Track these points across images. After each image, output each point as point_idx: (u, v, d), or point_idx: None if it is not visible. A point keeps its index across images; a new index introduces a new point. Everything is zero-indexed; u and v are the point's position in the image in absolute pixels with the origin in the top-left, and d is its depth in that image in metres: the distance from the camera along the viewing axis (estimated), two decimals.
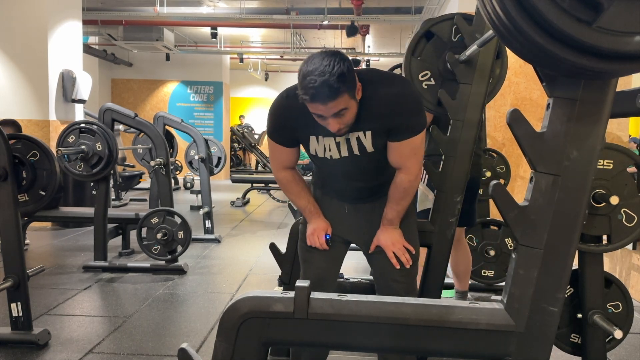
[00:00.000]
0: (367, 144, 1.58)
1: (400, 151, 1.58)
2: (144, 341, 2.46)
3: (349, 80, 1.41)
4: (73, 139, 3.59)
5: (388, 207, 1.67)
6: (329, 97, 1.38)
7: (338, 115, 1.44)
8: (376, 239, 1.69)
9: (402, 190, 1.63)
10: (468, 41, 1.93)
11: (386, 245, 1.66)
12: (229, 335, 1.14)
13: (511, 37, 0.90)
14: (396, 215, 1.67)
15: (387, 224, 1.67)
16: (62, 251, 4.35)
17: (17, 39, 5.29)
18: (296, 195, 1.73)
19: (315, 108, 1.43)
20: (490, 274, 2.89)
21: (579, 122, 1.02)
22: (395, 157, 1.60)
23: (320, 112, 1.44)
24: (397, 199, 1.65)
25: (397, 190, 1.64)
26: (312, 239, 1.71)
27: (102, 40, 9.51)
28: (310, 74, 1.39)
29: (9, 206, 2.30)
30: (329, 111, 1.42)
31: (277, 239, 4.07)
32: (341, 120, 1.46)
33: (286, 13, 7.66)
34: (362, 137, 1.57)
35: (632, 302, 1.69)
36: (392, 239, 1.66)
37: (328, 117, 1.44)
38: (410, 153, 1.58)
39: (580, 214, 1.05)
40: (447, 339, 1.13)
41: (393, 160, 1.61)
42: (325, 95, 1.38)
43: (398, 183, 1.64)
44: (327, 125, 1.47)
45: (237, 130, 12.17)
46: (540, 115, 4.32)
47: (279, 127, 1.62)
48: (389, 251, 1.65)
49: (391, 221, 1.67)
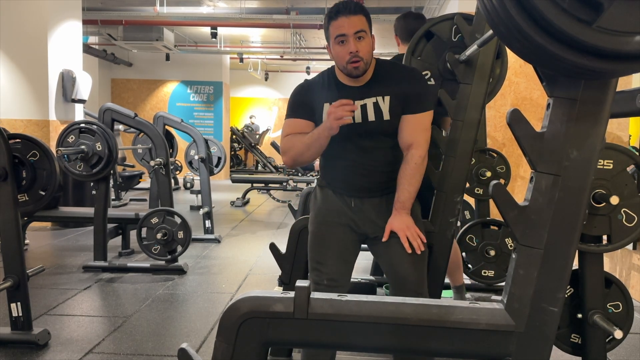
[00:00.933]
0: (385, 110, 1.68)
1: (414, 124, 1.69)
2: (144, 341, 2.46)
3: (367, 12, 1.66)
4: (73, 139, 3.59)
5: (400, 189, 1.70)
6: (352, 11, 1.61)
7: (358, 37, 1.62)
8: (389, 225, 1.70)
9: (414, 166, 1.69)
10: (468, 41, 1.93)
11: (400, 228, 1.67)
12: (228, 335, 1.14)
13: (511, 37, 0.90)
14: (408, 197, 1.70)
15: (400, 207, 1.70)
16: (62, 251, 4.35)
17: (17, 39, 5.29)
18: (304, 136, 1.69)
19: (340, 25, 1.62)
20: (490, 274, 2.89)
21: (579, 122, 1.02)
22: (409, 130, 1.70)
23: (344, 30, 1.61)
24: (409, 178, 1.69)
25: (409, 166, 1.70)
26: (338, 109, 1.55)
27: (102, 40, 9.51)
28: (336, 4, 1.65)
29: (9, 206, 2.30)
30: (351, 27, 1.61)
31: (277, 239, 4.08)
32: (360, 45, 1.62)
33: (286, 13, 7.67)
34: (380, 101, 1.69)
35: (632, 302, 1.69)
36: (406, 223, 1.68)
37: (350, 35, 1.61)
38: (421, 128, 1.71)
39: (581, 214, 1.05)
40: (447, 339, 1.12)
41: (406, 135, 1.70)
42: (350, 8, 1.61)
43: (409, 159, 1.70)
44: (347, 49, 1.62)
45: (237, 130, 12.18)
46: (541, 115, 4.32)
47: (299, 103, 1.75)
48: (402, 235, 1.66)
49: (404, 204, 1.70)
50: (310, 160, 1.72)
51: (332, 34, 1.66)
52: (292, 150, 1.71)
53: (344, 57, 1.64)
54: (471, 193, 3.19)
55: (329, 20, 1.65)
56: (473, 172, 3.17)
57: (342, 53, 1.64)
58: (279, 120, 14.69)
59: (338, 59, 1.67)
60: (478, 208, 3.40)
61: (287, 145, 1.73)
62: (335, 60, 1.70)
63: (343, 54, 1.64)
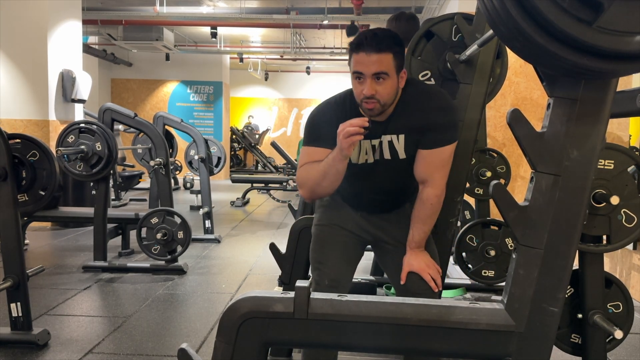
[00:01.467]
0: (400, 149, 1.56)
1: (429, 161, 1.55)
2: (144, 341, 2.46)
3: (398, 47, 1.45)
4: (73, 139, 3.59)
5: (414, 228, 1.62)
6: (375, 48, 1.41)
7: (377, 78, 1.44)
8: (407, 265, 1.62)
9: (429, 207, 1.59)
10: (468, 41, 1.93)
11: (421, 269, 1.60)
12: (228, 335, 1.14)
13: (511, 36, 0.90)
14: (423, 237, 1.63)
15: (415, 247, 1.63)
16: (61, 251, 4.35)
17: (17, 38, 5.29)
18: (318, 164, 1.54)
19: (359, 61, 1.43)
20: (491, 274, 2.88)
21: (579, 122, 1.02)
22: (423, 167, 1.57)
23: (361, 68, 1.44)
24: (424, 218, 1.61)
25: (424, 207, 1.59)
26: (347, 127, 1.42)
27: (101, 40, 9.50)
28: (366, 31, 1.46)
29: (9, 206, 2.30)
30: (370, 67, 1.42)
31: (277, 239, 4.08)
32: (378, 87, 1.44)
33: (286, 13, 7.66)
34: (394, 140, 1.56)
35: (632, 302, 1.68)
36: (425, 262, 1.62)
37: (367, 75, 1.43)
38: (439, 164, 1.56)
39: (581, 214, 1.05)
40: (447, 339, 1.12)
41: (420, 171, 1.58)
42: (373, 44, 1.41)
43: (425, 199, 1.59)
44: (362, 90, 1.45)
45: (237, 130, 12.18)
46: (541, 115, 4.32)
47: (317, 130, 1.59)
48: (425, 275, 1.60)
49: (419, 244, 1.63)
50: (329, 191, 1.57)
51: (351, 66, 1.48)
52: (309, 181, 1.56)
53: (359, 95, 1.49)
54: (471, 193, 3.19)
55: (351, 50, 1.47)
56: (473, 172, 3.17)
57: (357, 91, 1.49)
58: (279, 120, 14.70)
59: (355, 94, 1.52)
60: (478, 208, 3.40)
61: (303, 177, 1.58)
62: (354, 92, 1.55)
63: (358, 91, 1.48)
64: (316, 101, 14.44)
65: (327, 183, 1.53)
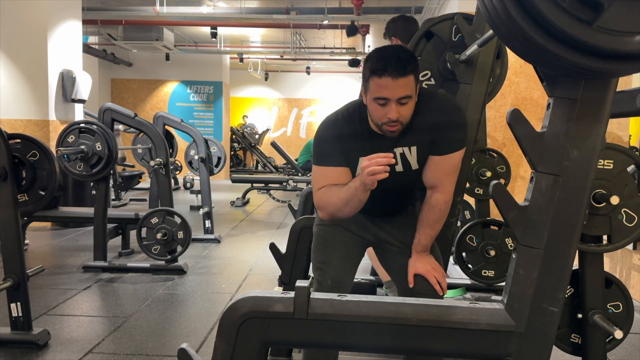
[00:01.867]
0: (412, 161, 1.56)
1: (440, 166, 1.56)
2: (144, 341, 2.46)
3: (417, 67, 1.42)
4: (73, 139, 3.59)
5: (421, 232, 1.62)
6: (401, 71, 1.36)
7: (402, 101, 1.41)
8: (413, 267, 1.62)
9: (438, 212, 1.59)
10: (468, 41, 1.93)
11: (427, 271, 1.61)
12: (228, 335, 1.14)
13: (511, 37, 0.90)
14: (430, 241, 1.63)
15: (421, 250, 1.63)
16: (61, 251, 4.35)
17: (17, 38, 5.29)
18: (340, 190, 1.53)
19: (383, 85, 1.38)
20: (491, 274, 2.88)
21: (579, 122, 1.02)
22: (434, 173, 1.57)
23: (386, 93, 1.39)
24: (432, 223, 1.61)
25: (433, 212, 1.59)
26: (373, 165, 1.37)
27: (101, 40, 9.50)
28: (382, 51, 1.40)
29: (9, 206, 2.30)
30: (397, 92, 1.39)
31: (277, 239, 4.08)
32: (402, 110, 1.42)
33: (286, 13, 7.66)
34: (407, 152, 1.55)
35: (632, 302, 1.68)
36: (431, 265, 1.62)
37: (392, 100, 1.40)
38: (449, 170, 1.57)
39: (581, 214, 1.05)
40: (447, 339, 1.12)
41: (430, 177, 1.58)
42: (399, 68, 1.36)
43: (433, 204, 1.59)
44: (386, 113, 1.42)
45: (237, 130, 12.18)
46: (541, 115, 4.32)
47: (329, 148, 1.57)
48: (431, 278, 1.60)
49: (425, 247, 1.63)
50: (351, 215, 1.56)
51: (371, 89, 1.43)
52: (330, 206, 1.55)
53: (381, 118, 1.45)
54: (471, 193, 3.19)
55: (371, 73, 1.40)
56: (473, 172, 3.17)
57: (380, 114, 1.44)
58: (279, 120, 14.70)
59: (374, 116, 1.48)
60: (478, 208, 3.40)
61: (323, 201, 1.56)
62: (370, 113, 1.50)
63: (381, 115, 1.44)
64: (316, 101, 14.44)
65: (348, 209, 1.53)
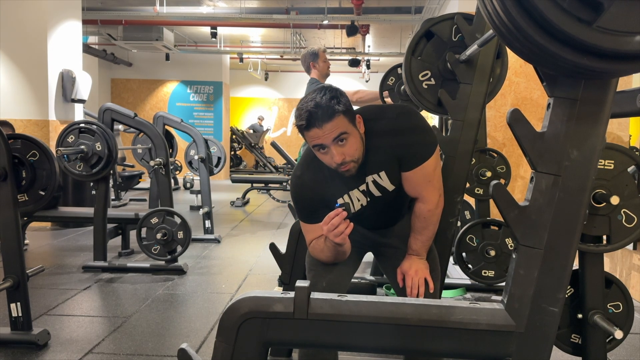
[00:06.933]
0: (386, 184, 1.56)
1: (413, 180, 1.55)
2: (144, 341, 2.45)
3: (343, 103, 1.39)
4: (73, 139, 3.59)
5: (412, 237, 1.64)
6: (324, 118, 1.36)
7: (339, 142, 1.40)
8: (400, 267, 1.65)
9: (423, 220, 1.60)
10: (468, 41, 1.93)
11: (407, 271, 1.62)
12: (228, 335, 1.14)
13: (511, 37, 0.90)
14: (421, 246, 1.64)
15: (413, 253, 1.65)
16: (61, 251, 4.34)
17: (17, 39, 5.29)
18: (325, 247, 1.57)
19: (314, 136, 1.39)
20: (491, 274, 2.88)
21: (579, 122, 1.02)
22: (411, 187, 1.57)
23: (319, 141, 1.40)
24: (419, 229, 1.62)
25: (418, 220, 1.61)
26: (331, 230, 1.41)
27: (101, 40, 9.51)
28: (303, 103, 1.40)
29: (9, 206, 2.30)
30: (328, 136, 1.38)
31: (277, 239, 4.08)
32: (344, 149, 1.41)
33: (286, 13, 7.67)
34: (377, 179, 1.55)
35: (632, 302, 1.68)
36: (415, 267, 1.63)
37: (329, 144, 1.40)
38: (424, 181, 1.55)
39: (581, 214, 1.05)
40: (447, 339, 1.12)
41: (409, 190, 1.59)
42: (320, 116, 1.36)
43: (417, 213, 1.61)
44: (331, 158, 1.42)
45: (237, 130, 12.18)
46: (541, 115, 4.32)
47: (308, 207, 1.58)
48: (408, 278, 1.62)
49: (417, 252, 1.64)
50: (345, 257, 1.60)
51: (307, 140, 1.43)
52: (322, 257, 1.59)
53: (331, 164, 1.45)
54: (471, 193, 3.19)
55: (301, 131, 1.42)
56: (473, 172, 3.17)
57: (327, 160, 1.45)
58: (279, 120, 14.70)
59: (324, 162, 1.47)
60: (478, 208, 3.40)
61: (315, 254, 1.61)
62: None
63: (328, 161, 1.44)
64: None
65: (340, 257, 1.57)
